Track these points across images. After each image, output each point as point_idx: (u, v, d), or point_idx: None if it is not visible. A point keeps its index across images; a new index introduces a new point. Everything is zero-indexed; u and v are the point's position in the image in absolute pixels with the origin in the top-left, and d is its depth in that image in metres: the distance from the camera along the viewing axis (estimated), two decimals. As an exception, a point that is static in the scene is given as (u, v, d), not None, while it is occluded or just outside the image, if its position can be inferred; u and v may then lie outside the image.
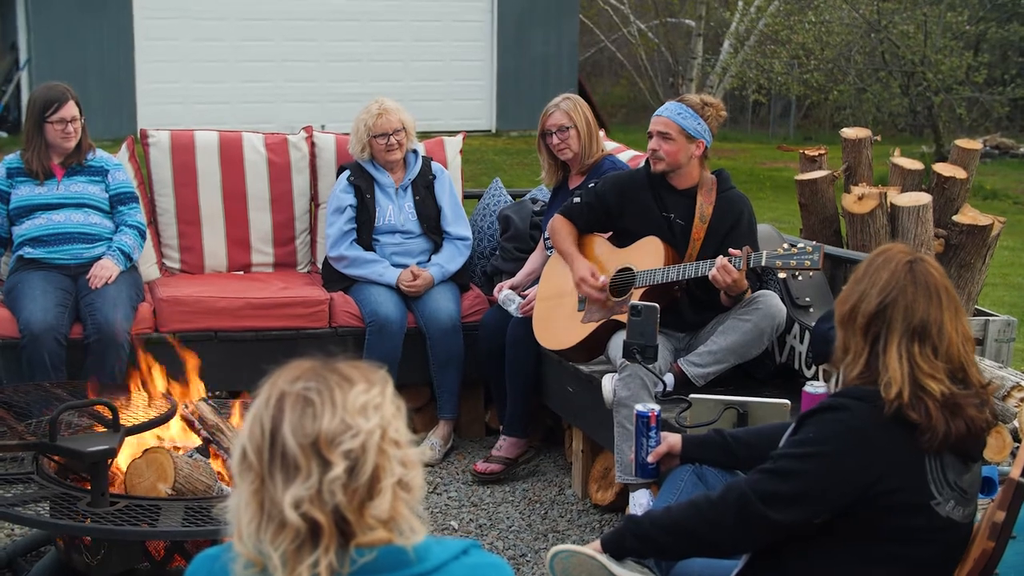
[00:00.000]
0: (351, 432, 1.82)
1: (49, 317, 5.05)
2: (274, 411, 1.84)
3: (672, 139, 4.66)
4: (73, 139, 5.38)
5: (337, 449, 1.81)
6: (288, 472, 1.81)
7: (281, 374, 1.90)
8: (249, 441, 1.85)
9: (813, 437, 2.71)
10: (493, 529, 4.87)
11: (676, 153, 4.67)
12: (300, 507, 1.80)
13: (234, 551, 1.87)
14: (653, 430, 3.41)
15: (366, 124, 5.67)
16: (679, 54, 19.41)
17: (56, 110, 5.32)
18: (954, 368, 2.70)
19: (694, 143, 4.68)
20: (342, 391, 1.85)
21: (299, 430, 1.82)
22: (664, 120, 4.68)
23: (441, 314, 5.56)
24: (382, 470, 1.84)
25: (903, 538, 2.68)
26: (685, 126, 4.65)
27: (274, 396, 1.86)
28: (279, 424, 1.83)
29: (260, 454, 1.84)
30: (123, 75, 15.13)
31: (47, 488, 3.79)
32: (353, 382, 1.87)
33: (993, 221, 5.54)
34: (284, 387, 1.86)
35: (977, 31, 17.79)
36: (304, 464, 1.81)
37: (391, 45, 16.44)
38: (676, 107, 4.70)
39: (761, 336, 4.55)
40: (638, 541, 2.89)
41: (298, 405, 1.83)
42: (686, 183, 4.74)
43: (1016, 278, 10.10)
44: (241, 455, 1.86)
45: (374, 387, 1.89)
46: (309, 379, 1.86)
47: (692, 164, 4.71)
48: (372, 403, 1.86)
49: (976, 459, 2.77)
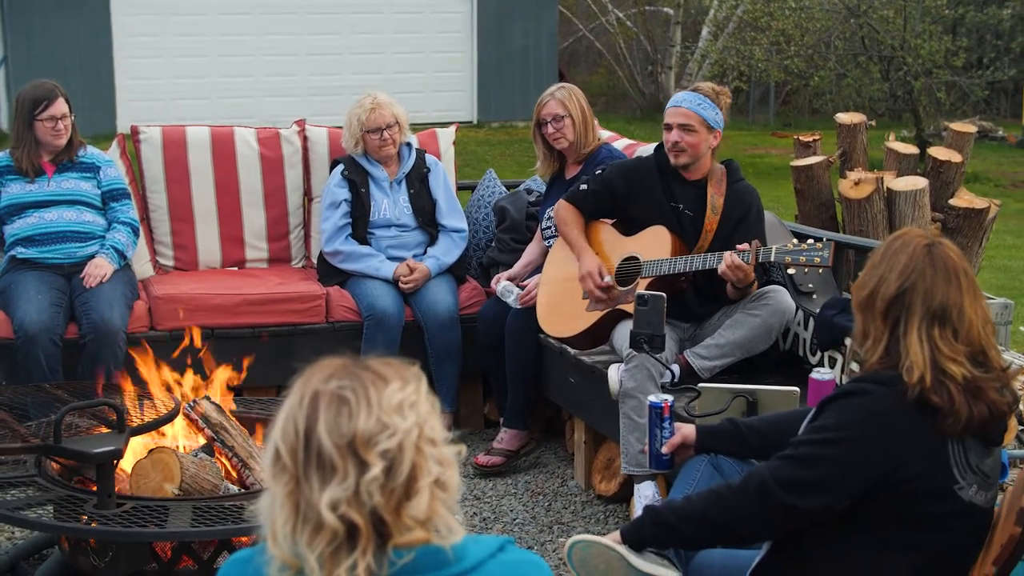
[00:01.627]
0: (388, 432, 1.79)
1: (44, 317, 5.00)
2: (308, 411, 1.80)
3: (695, 130, 4.62)
4: (64, 136, 5.33)
5: (374, 449, 1.78)
6: (324, 473, 1.78)
7: (314, 372, 1.86)
8: (283, 441, 1.82)
9: (834, 423, 2.69)
10: (497, 522, 4.85)
11: (699, 145, 4.64)
12: (337, 509, 1.76)
13: (268, 553, 1.84)
14: (667, 421, 3.39)
15: (359, 119, 5.63)
16: (658, 42, 19.42)
17: (46, 108, 5.27)
18: (975, 351, 2.68)
19: (713, 133, 4.65)
20: (377, 389, 1.82)
21: (335, 430, 1.78)
22: (685, 112, 4.62)
23: (439, 307, 5.53)
24: (419, 470, 1.81)
25: (926, 524, 2.67)
26: (706, 117, 4.61)
27: (308, 395, 1.82)
28: (314, 424, 1.79)
29: (295, 455, 1.80)
30: (102, 72, 15.01)
31: (51, 491, 3.75)
32: (388, 380, 1.84)
33: (989, 204, 5.55)
34: (318, 386, 1.82)
35: (955, 15, 17.83)
36: (341, 465, 1.77)
37: (371, 37, 16.37)
38: (695, 97, 4.64)
39: (770, 332, 4.53)
40: (659, 531, 2.87)
41: (333, 404, 1.80)
42: (697, 174, 4.71)
43: (1002, 260, 10.14)
44: (275, 456, 1.82)
45: (409, 384, 1.86)
46: (343, 377, 1.83)
47: (707, 155, 4.69)
48: (408, 401, 1.83)
49: (998, 443, 2.76)
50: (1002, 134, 17.93)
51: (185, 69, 15.51)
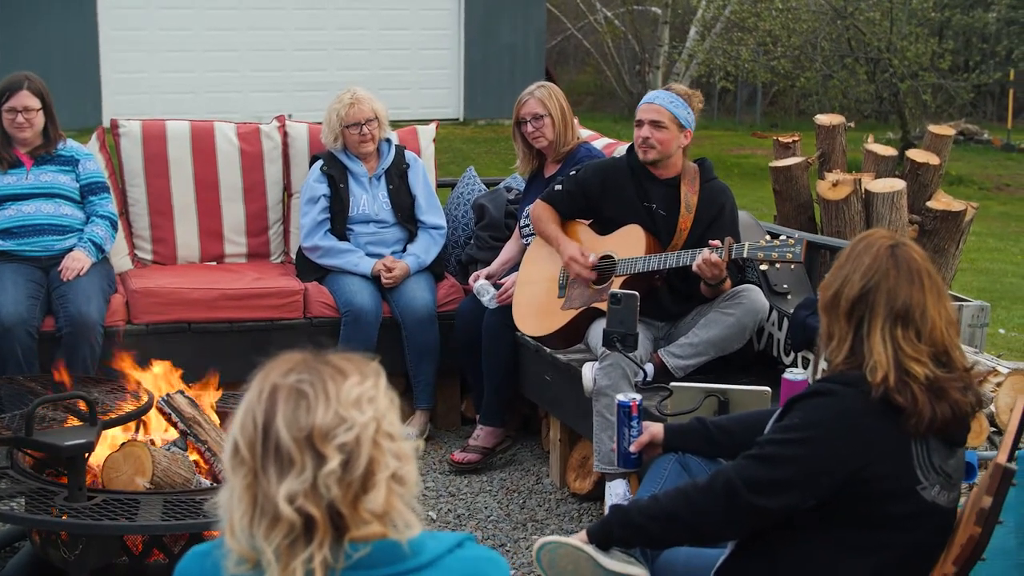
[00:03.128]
0: (345, 425, 1.80)
1: (21, 309, 4.99)
2: (267, 404, 1.82)
3: (665, 127, 4.64)
4: (25, 129, 5.27)
5: (332, 442, 1.79)
6: (282, 466, 1.79)
7: (273, 367, 1.87)
8: (241, 435, 1.83)
9: (800, 422, 2.70)
10: (471, 519, 4.86)
11: (669, 142, 4.66)
12: (295, 501, 1.77)
13: (226, 547, 1.84)
14: (635, 419, 3.39)
15: (339, 114, 5.63)
16: (645, 42, 19.43)
17: (7, 99, 5.24)
18: (938, 351, 2.69)
19: (683, 132, 4.67)
20: (335, 383, 1.83)
21: (293, 424, 1.79)
22: (657, 108, 4.65)
23: (416, 304, 5.54)
24: (376, 464, 1.82)
25: (889, 524, 2.68)
26: (677, 114, 4.63)
27: (267, 389, 1.83)
28: (272, 417, 1.80)
29: (253, 448, 1.81)
30: (88, 65, 14.99)
31: (22, 483, 3.74)
32: (346, 374, 1.85)
33: (966, 207, 5.58)
34: (277, 380, 1.84)
35: (941, 18, 17.89)
36: (298, 458, 1.78)
37: (358, 33, 16.36)
38: (667, 95, 4.67)
39: (743, 331, 4.55)
40: (625, 530, 2.88)
41: (291, 398, 1.81)
42: (669, 173, 4.73)
43: (983, 263, 10.18)
44: (233, 449, 1.83)
45: (368, 379, 1.87)
46: (302, 371, 1.84)
47: (678, 154, 4.71)
48: (366, 395, 1.84)
49: (961, 443, 2.77)
50: (987, 137, 18.01)
51: (171, 63, 15.49)
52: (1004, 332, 7.81)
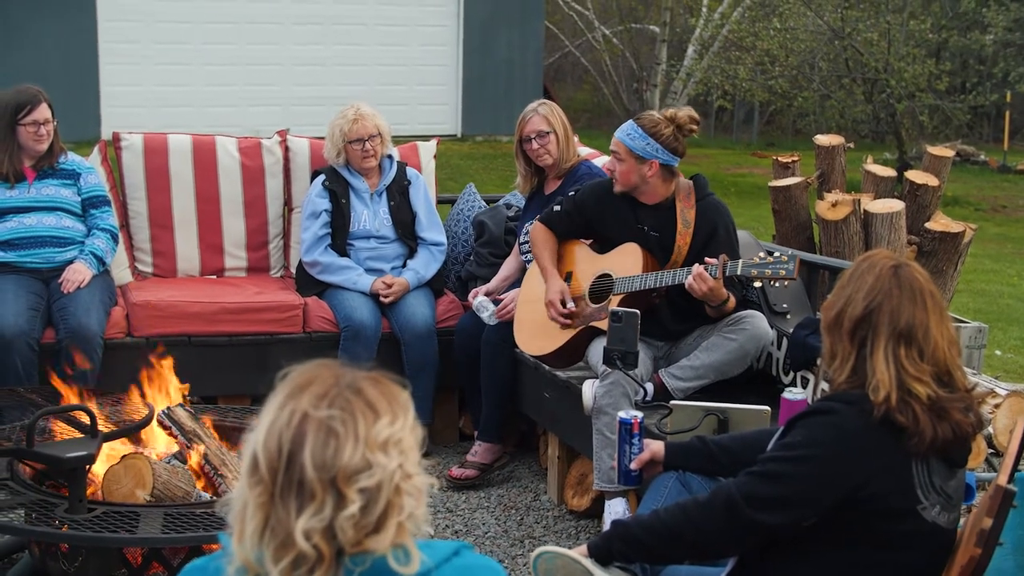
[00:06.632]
0: (370, 471, 1.80)
1: (21, 321, 5.00)
2: (295, 433, 1.81)
3: (622, 159, 4.66)
4: (45, 141, 5.34)
5: (354, 485, 1.79)
6: (303, 500, 1.79)
7: (304, 384, 1.85)
8: (263, 453, 1.82)
9: (801, 440, 2.72)
10: (469, 535, 4.86)
11: (628, 174, 4.67)
12: (311, 539, 1.78)
13: (228, 554, 1.85)
14: (636, 437, 3.41)
15: (342, 129, 5.65)
16: (643, 60, 19.48)
17: (29, 112, 5.28)
18: (940, 371, 2.71)
19: (645, 163, 4.65)
20: (366, 422, 1.82)
21: (320, 462, 1.79)
22: (616, 140, 4.69)
23: (416, 319, 5.54)
24: (393, 508, 1.82)
25: (889, 543, 2.69)
26: (633, 147, 4.63)
27: (297, 416, 1.82)
28: (299, 449, 1.80)
29: (274, 472, 1.80)
30: (86, 78, 14.99)
31: (23, 495, 3.74)
32: (379, 413, 1.84)
33: (965, 228, 5.59)
34: (308, 409, 1.82)
35: (939, 39, 17.96)
36: (319, 495, 1.78)
37: (356, 49, 16.36)
38: (628, 127, 4.68)
39: (745, 357, 4.55)
40: (625, 545, 2.89)
41: (321, 433, 1.80)
42: (653, 199, 4.72)
43: (980, 284, 10.20)
44: (252, 464, 1.83)
45: (398, 420, 1.86)
46: (334, 404, 1.82)
47: (653, 183, 4.69)
48: (394, 438, 1.84)
49: (962, 464, 2.79)
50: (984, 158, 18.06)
51: (169, 77, 15.49)
52: (1000, 353, 7.82)
